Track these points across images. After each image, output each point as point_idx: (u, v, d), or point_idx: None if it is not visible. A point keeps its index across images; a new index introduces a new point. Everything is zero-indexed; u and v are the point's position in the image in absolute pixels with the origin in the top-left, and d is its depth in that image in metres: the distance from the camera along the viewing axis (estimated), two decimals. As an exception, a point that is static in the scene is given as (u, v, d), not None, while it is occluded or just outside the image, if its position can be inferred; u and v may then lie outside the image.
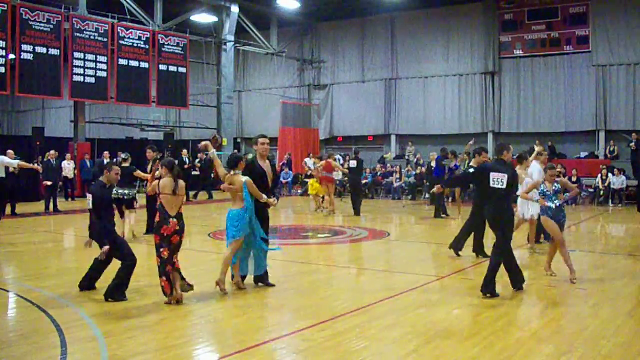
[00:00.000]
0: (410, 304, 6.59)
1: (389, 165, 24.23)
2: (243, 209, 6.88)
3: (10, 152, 14.01)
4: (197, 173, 25.76)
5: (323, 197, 16.88)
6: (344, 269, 8.83)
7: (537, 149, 10.69)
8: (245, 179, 6.93)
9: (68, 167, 20.05)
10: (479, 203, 9.02)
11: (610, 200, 19.51)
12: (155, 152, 12.02)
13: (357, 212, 15.91)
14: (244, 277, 7.31)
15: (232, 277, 7.28)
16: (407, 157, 24.83)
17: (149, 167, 11.72)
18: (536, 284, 7.65)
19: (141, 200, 12.04)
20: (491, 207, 6.88)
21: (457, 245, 9.43)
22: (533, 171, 9.67)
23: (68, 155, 20.51)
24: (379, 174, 23.60)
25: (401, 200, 21.70)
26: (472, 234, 9.38)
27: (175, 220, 6.41)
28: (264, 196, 7.05)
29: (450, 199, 18.01)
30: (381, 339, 5.30)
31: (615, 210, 18.38)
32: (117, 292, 6.56)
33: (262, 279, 7.42)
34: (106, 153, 19.79)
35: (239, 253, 7.10)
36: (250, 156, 8.21)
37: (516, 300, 6.83)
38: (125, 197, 10.96)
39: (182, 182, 6.55)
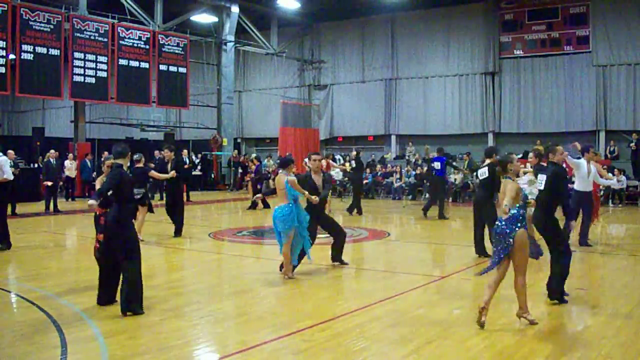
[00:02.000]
0: (410, 304, 6.58)
1: (389, 165, 24.23)
2: (288, 204, 7.58)
3: (10, 152, 14.00)
4: (199, 173, 25.83)
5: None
6: (344, 269, 8.82)
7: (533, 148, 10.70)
8: (289, 178, 7.66)
9: (70, 167, 20.09)
10: (483, 202, 9.11)
11: (610, 200, 19.50)
12: (172, 152, 11.98)
13: (360, 211, 15.93)
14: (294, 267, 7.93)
15: (281, 267, 7.91)
16: (407, 157, 24.83)
17: (169, 167, 11.68)
18: (536, 284, 7.65)
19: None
20: (537, 212, 6.78)
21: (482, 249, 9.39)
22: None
23: (70, 155, 20.56)
24: (379, 174, 23.60)
25: (401, 200, 21.69)
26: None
27: None
28: (306, 192, 7.85)
29: (451, 199, 18.01)
30: (381, 339, 5.30)
31: (616, 210, 18.38)
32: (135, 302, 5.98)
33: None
34: (105, 153, 19.75)
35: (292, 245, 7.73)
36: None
37: (516, 300, 6.82)
38: (137, 196, 10.93)
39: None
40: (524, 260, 5.58)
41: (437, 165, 15.35)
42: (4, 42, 18.78)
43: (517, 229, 5.48)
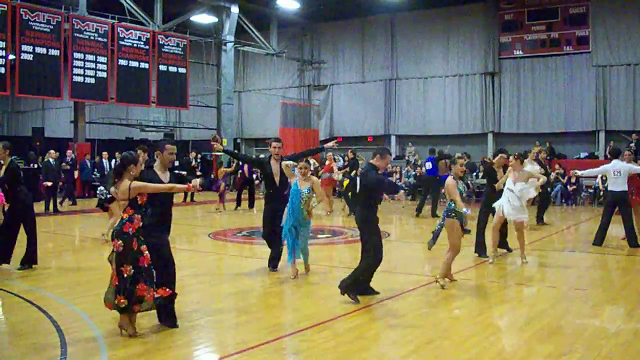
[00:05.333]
0: (410, 304, 6.59)
1: (389, 165, 24.22)
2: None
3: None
4: (199, 173, 25.76)
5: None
6: (344, 269, 8.81)
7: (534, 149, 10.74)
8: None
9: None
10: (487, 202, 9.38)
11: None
12: (145, 153, 9.95)
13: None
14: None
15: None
16: (407, 157, 24.83)
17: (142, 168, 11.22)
18: (535, 284, 7.65)
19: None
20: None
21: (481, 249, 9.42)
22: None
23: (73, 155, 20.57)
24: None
25: (401, 201, 21.66)
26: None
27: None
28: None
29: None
30: (381, 339, 5.30)
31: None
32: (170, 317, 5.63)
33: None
34: (105, 153, 19.72)
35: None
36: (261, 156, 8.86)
37: (516, 300, 6.83)
38: (101, 196, 10.82)
39: (122, 185, 5.40)
40: None
41: (428, 165, 15.98)
42: (4, 42, 18.75)
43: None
